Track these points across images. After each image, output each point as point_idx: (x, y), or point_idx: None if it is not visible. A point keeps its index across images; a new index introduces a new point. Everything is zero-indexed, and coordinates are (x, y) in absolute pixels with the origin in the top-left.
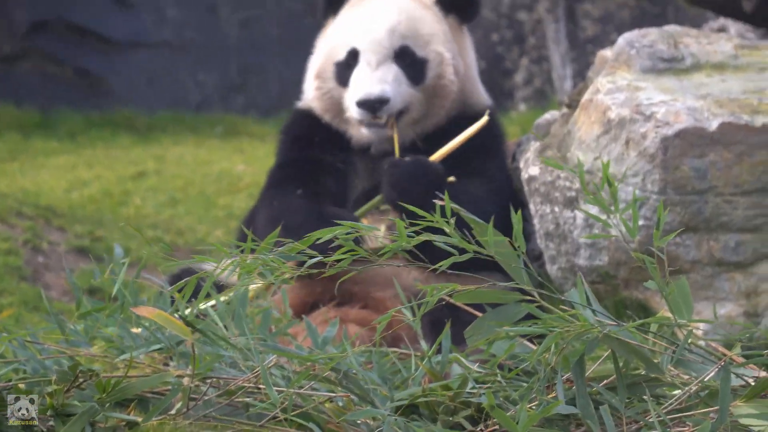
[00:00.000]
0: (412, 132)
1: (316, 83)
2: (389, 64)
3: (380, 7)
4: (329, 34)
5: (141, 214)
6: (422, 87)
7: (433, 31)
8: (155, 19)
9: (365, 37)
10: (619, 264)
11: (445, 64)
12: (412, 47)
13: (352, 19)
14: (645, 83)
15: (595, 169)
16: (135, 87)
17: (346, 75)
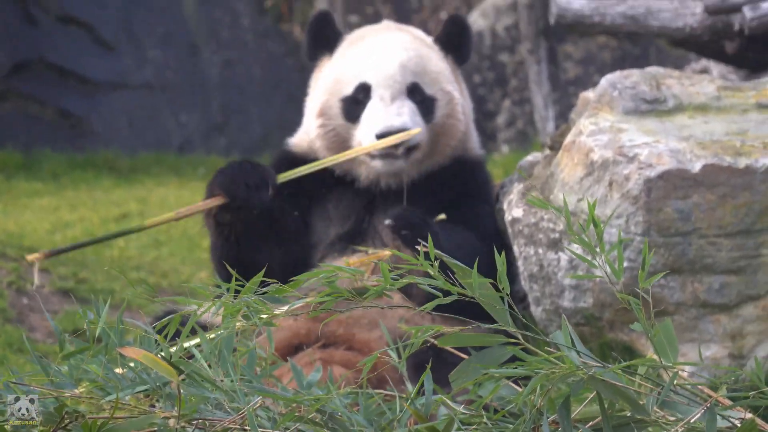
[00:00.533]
0: (416, 171)
1: (320, 121)
2: (403, 98)
3: (387, 43)
4: (328, 72)
5: (125, 255)
6: (431, 125)
7: (439, 69)
8: (136, 60)
9: (377, 72)
10: (604, 306)
11: (453, 103)
12: (421, 85)
13: (357, 55)
14: (628, 125)
15: (579, 210)
16: (117, 128)
17: (355, 111)
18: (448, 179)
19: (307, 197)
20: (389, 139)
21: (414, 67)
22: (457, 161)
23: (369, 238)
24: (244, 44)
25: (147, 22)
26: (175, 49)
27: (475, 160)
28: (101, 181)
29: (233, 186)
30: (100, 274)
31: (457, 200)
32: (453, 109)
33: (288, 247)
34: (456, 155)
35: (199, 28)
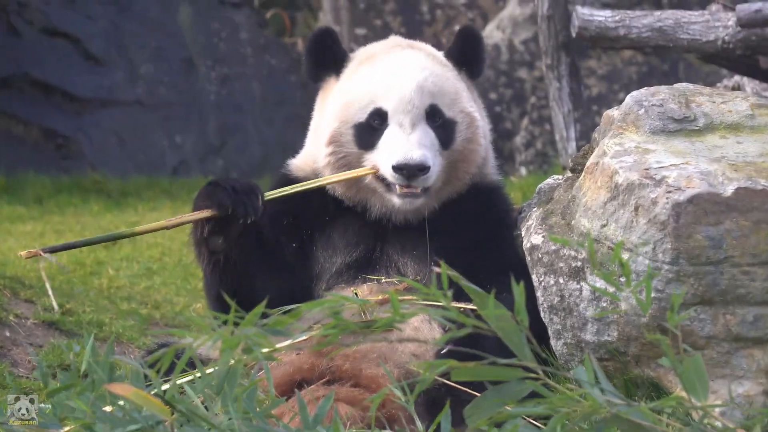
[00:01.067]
0: (435, 201)
1: (331, 148)
2: (423, 126)
3: (401, 63)
4: (337, 95)
5: (114, 285)
6: (450, 151)
7: (456, 89)
8: (127, 76)
9: (393, 96)
10: (630, 339)
11: (474, 125)
12: (440, 106)
13: (368, 77)
14: (655, 145)
15: (603, 237)
16: (106, 149)
17: (370, 138)
18: (466, 207)
19: (308, 226)
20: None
21: (431, 87)
22: (475, 187)
23: (381, 266)
24: (243, 59)
25: (138, 35)
26: (168, 63)
27: (493, 186)
28: (89, 206)
29: (220, 195)
30: (88, 304)
31: (477, 229)
32: (474, 133)
33: (287, 279)
34: (474, 182)
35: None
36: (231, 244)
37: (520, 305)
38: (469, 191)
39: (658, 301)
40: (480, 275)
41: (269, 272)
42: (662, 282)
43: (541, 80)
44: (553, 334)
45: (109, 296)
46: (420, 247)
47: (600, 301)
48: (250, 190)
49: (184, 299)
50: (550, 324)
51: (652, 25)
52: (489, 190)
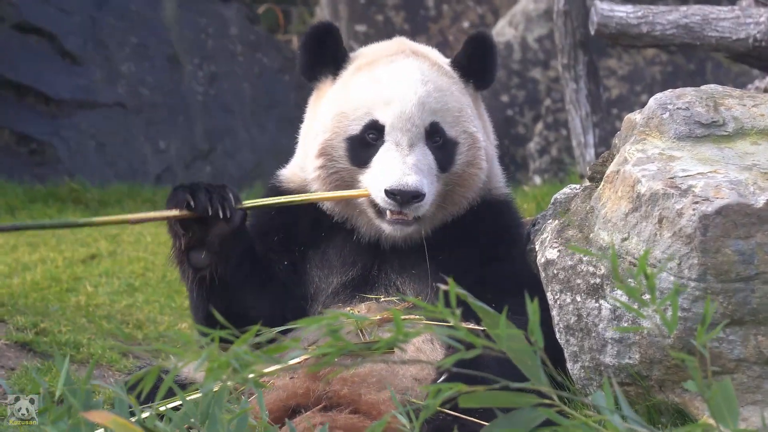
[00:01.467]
0: (430, 226)
1: (320, 161)
2: (422, 147)
3: (403, 74)
4: (331, 102)
5: (93, 303)
6: (448, 174)
7: (461, 105)
8: (107, 76)
9: (392, 110)
10: (653, 362)
11: (476, 147)
12: (441, 125)
13: (367, 86)
14: (680, 152)
15: (623, 251)
16: (84, 155)
17: (363, 154)
18: (470, 223)
19: (301, 243)
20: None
21: (434, 103)
22: (479, 205)
23: (379, 285)
24: (233, 57)
25: (119, 31)
26: (151, 62)
27: (501, 200)
28: (66, 217)
29: (182, 193)
30: (64, 324)
31: (483, 246)
32: (475, 156)
33: (280, 298)
34: (474, 204)
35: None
36: (215, 258)
37: (535, 324)
38: (473, 207)
39: (684, 321)
40: (488, 295)
41: (260, 290)
42: (688, 300)
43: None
44: (570, 356)
45: (87, 315)
46: (420, 266)
47: (620, 320)
48: (217, 186)
49: (168, 318)
50: (566, 346)
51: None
52: (496, 203)
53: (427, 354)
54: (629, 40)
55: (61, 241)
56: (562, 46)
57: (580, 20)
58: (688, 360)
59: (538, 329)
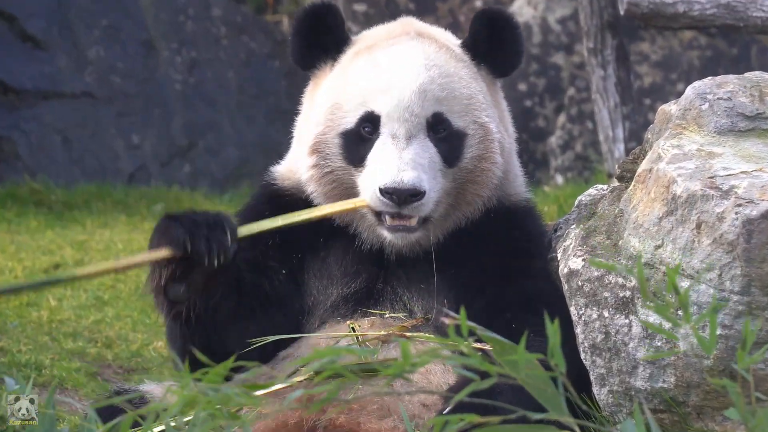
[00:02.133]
0: (440, 231)
1: (314, 159)
2: (422, 139)
3: (403, 57)
4: (327, 91)
5: (57, 318)
6: (456, 169)
7: (471, 92)
8: (74, 62)
9: (389, 99)
10: (690, 386)
11: (488, 139)
12: (447, 115)
13: (363, 73)
14: (721, 148)
15: (657, 261)
16: (48, 151)
17: (359, 150)
18: (486, 232)
19: (299, 249)
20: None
21: (438, 91)
22: (496, 208)
23: (385, 300)
24: (216, 41)
25: (87, 13)
26: (123, 47)
27: (521, 207)
28: (26, 221)
29: (175, 230)
30: (24, 342)
31: (499, 258)
32: (488, 149)
33: (271, 325)
34: (490, 206)
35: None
36: (195, 294)
37: (555, 347)
38: (489, 213)
39: (725, 339)
40: (506, 313)
41: (248, 320)
42: (730, 316)
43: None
44: (596, 379)
45: (50, 332)
46: (430, 280)
47: (654, 339)
48: (215, 224)
49: (141, 336)
50: (592, 367)
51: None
52: (515, 210)
53: (437, 376)
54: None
55: (21, 249)
56: (587, 27)
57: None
58: (729, 385)
59: (559, 352)
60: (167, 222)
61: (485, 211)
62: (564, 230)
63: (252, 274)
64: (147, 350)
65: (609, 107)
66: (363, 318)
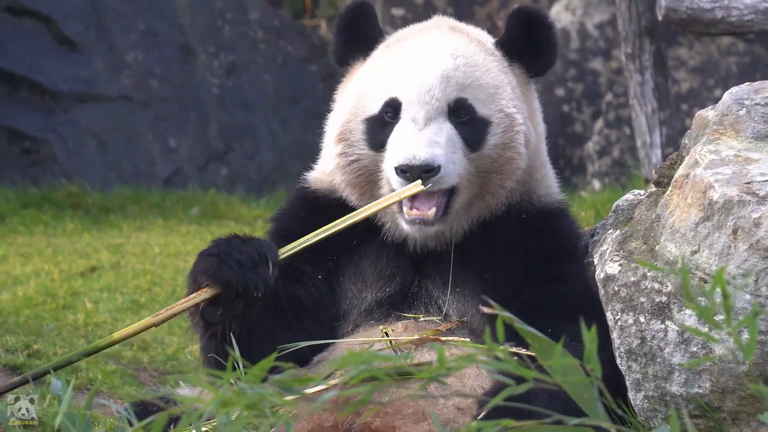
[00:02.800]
0: (464, 221)
1: (339, 148)
2: (442, 121)
3: (429, 47)
4: (356, 83)
5: (93, 321)
6: (479, 156)
7: (498, 83)
8: (110, 65)
9: (410, 85)
10: (726, 392)
11: (513, 130)
12: (470, 101)
13: (389, 62)
14: (759, 153)
15: (693, 266)
16: (84, 154)
17: (382, 135)
18: (518, 235)
19: (334, 252)
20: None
21: (462, 78)
22: (518, 210)
23: (419, 304)
24: (253, 45)
25: (124, 16)
26: (160, 50)
27: (554, 208)
28: (63, 225)
29: (223, 270)
30: (60, 345)
31: (533, 262)
32: (512, 138)
33: (306, 328)
34: (515, 202)
35: (192, 23)
36: (232, 317)
37: (591, 352)
38: (522, 214)
39: (761, 345)
40: (542, 319)
41: (284, 330)
42: (766, 321)
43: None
44: (632, 384)
45: (86, 335)
46: (466, 283)
47: (690, 344)
48: (259, 260)
49: (177, 339)
50: (627, 372)
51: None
52: (547, 212)
53: (471, 379)
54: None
55: (58, 252)
56: (625, 33)
57: (646, 4)
58: (765, 390)
59: (595, 357)
60: (213, 262)
61: (517, 212)
62: (601, 235)
63: (287, 283)
64: (183, 353)
65: (646, 113)
66: (397, 322)
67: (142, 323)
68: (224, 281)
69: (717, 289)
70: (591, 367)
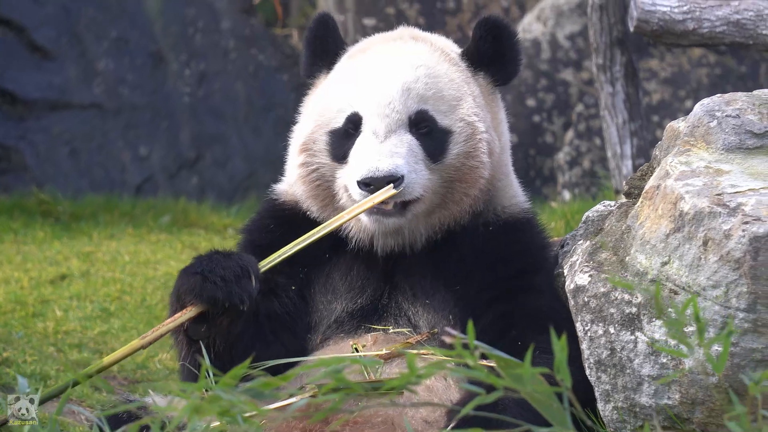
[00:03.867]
0: (425, 227)
1: (302, 158)
2: (402, 133)
3: (390, 58)
4: (320, 95)
5: (62, 329)
6: (442, 166)
7: (460, 94)
8: (82, 73)
9: (371, 98)
10: (695, 403)
11: (475, 138)
12: (431, 112)
13: (351, 74)
14: (729, 165)
15: (663, 277)
16: (55, 162)
17: (343, 147)
18: (487, 246)
19: (305, 263)
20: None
21: (423, 89)
22: (482, 219)
23: (389, 315)
24: (225, 54)
25: (96, 24)
26: (132, 59)
27: (520, 218)
28: (34, 231)
29: (208, 287)
30: (30, 353)
31: (502, 272)
32: (474, 147)
33: (282, 341)
34: (479, 211)
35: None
36: (220, 334)
37: (561, 363)
38: (479, 222)
39: (731, 356)
40: (512, 331)
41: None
42: (736, 333)
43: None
44: (601, 395)
45: (55, 343)
46: (435, 294)
47: (659, 356)
48: (242, 274)
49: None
50: (597, 383)
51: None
52: (513, 222)
53: (440, 392)
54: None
55: (27, 259)
56: (597, 44)
57: (617, 15)
58: (736, 401)
59: (565, 368)
60: (194, 279)
61: (484, 224)
62: (571, 246)
63: (263, 296)
64: (152, 362)
65: (617, 124)
66: (366, 334)
67: (130, 346)
68: (210, 298)
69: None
70: (561, 377)
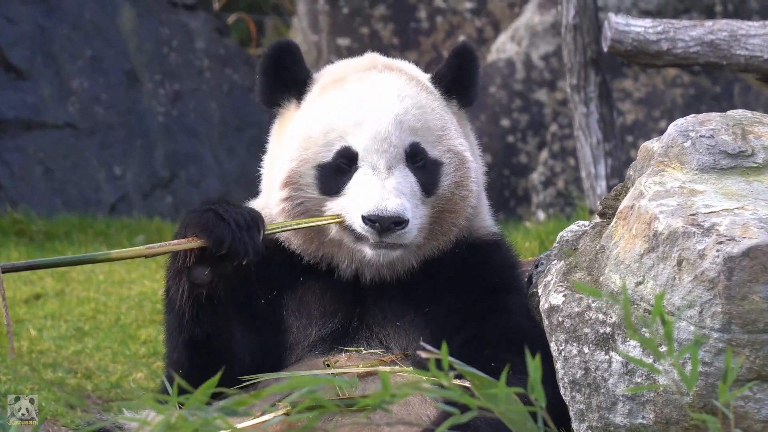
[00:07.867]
0: (414, 258)
1: (286, 192)
2: (402, 169)
3: (376, 91)
4: (297, 127)
5: (37, 349)
6: (434, 198)
7: (443, 123)
8: (56, 92)
9: (365, 133)
10: (669, 423)
11: (464, 167)
12: (423, 144)
13: (336, 107)
14: (704, 185)
15: (637, 297)
16: (29, 181)
17: (335, 182)
18: (457, 269)
19: (274, 286)
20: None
21: (413, 121)
22: (465, 244)
23: (360, 338)
24: (199, 73)
25: (71, 43)
26: (107, 78)
27: (489, 240)
28: (7, 252)
29: (220, 229)
30: (3, 372)
31: (473, 294)
32: (464, 176)
33: (261, 341)
34: (461, 236)
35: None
36: (218, 277)
37: (536, 382)
38: (459, 249)
39: (705, 376)
40: (484, 350)
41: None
42: (710, 353)
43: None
44: (576, 415)
45: (29, 362)
46: (405, 317)
47: (634, 375)
48: (252, 224)
49: (122, 367)
50: (571, 403)
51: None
52: (480, 244)
53: (416, 407)
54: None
55: None
56: (571, 64)
57: (591, 35)
58: (710, 421)
59: (540, 387)
60: (209, 217)
61: (456, 245)
62: (545, 266)
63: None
64: (126, 381)
65: (591, 144)
66: (340, 353)
67: (135, 250)
68: (219, 238)
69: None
70: (535, 396)
